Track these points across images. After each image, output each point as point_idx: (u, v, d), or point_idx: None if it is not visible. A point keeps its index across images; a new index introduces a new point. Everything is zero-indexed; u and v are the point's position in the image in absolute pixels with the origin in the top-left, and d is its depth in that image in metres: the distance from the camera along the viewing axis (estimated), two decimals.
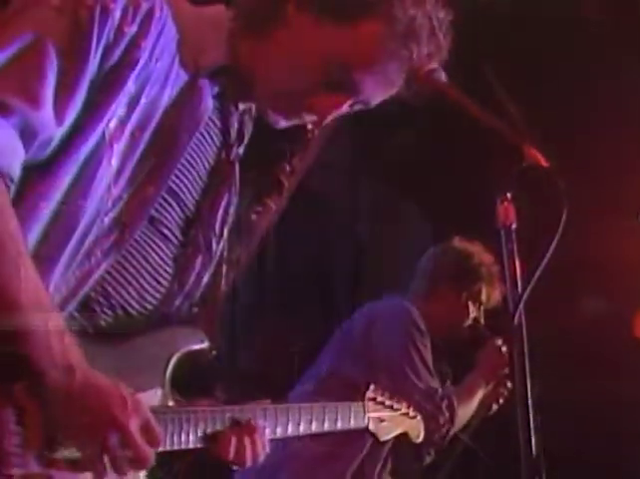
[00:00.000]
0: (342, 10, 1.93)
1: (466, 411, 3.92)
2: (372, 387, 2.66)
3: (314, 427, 2.31)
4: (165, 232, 2.00)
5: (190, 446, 1.97)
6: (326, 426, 2.37)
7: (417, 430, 2.87)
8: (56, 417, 1.69)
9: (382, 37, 1.93)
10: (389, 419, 2.69)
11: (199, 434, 1.99)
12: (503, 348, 4.04)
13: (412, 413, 2.81)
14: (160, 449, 1.89)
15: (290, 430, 2.22)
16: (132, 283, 1.96)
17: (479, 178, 1.80)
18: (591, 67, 4.92)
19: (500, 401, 4.08)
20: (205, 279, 2.15)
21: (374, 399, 2.65)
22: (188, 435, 1.96)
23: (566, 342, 5.09)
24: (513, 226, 1.83)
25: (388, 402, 2.70)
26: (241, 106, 2.12)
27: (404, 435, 2.83)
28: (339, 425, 2.43)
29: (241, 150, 2.17)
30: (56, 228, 1.79)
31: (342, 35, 1.93)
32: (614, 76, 4.93)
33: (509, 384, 4.03)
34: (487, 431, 4.09)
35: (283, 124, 2.07)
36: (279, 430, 2.18)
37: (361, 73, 1.95)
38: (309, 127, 2.14)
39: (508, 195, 1.84)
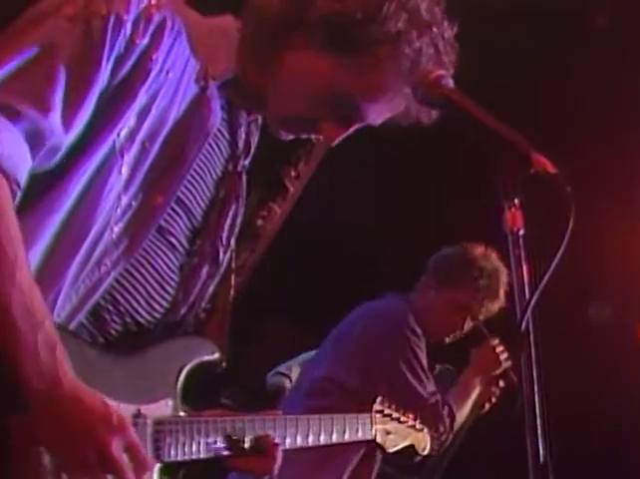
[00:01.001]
0: (349, 44, 1.93)
1: (462, 413, 3.91)
2: (379, 400, 2.67)
3: (322, 438, 2.32)
4: (173, 241, 2.01)
5: (202, 456, 1.98)
6: (334, 438, 2.38)
7: (423, 443, 2.87)
8: (39, 431, 1.65)
9: (388, 74, 1.93)
10: (395, 431, 2.71)
11: (219, 444, 2.00)
12: (499, 349, 3.99)
13: (418, 426, 2.82)
14: (172, 460, 1.92)
15: (299, 441, 2.23)
16: (140, 291, 1.97)
17: (485, 184, 1.80)
18: (598, 69, 4.93)
19: (493, 400, 4.04)
20: (212, 289, 2.16)
21: (381, 412, 2.66)
22: (199, 445, 1.97)
23: (573, 347, 5.09)
24: (521, 231, 1.83)
25: (395, 415, 2.72)
26: (249, 117, 2.13)
27: (410, 447, 2.84)
28: (347, 437, 2.44)
29: (248, 161, 2.18)
30: (66, 236, 1.81)
31: (348, 68, 1.94)
32: (619, 77, 4.94)
33: (502, 384, 4.00)
34: (494, 436, 4.08)
35: (291, 137, 2.09)
36: (288, 441, 2.19)
37: (367, 104, 1.97)
38: None
39: (516, 201, 1.84)
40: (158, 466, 1.90)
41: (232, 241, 2.18)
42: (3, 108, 1.69)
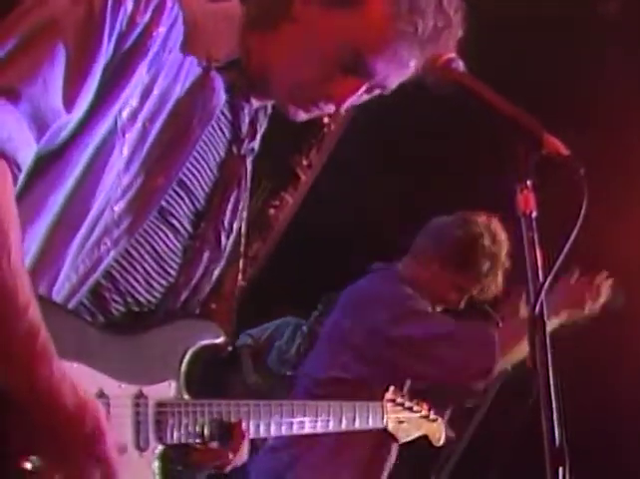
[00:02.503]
0: None
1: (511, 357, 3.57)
2: (391, 389, 2.64)
3: (331, 425, 2.29)
4: (174, 223, 1.99)
5: (198, 440, 1.96)
6: (344, 425, 2.34)
7: (438, 433, 2.83)
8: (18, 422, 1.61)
9: (388, 17, 1.94)
10: (408, 421, 2.67)
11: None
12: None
13: (432, 416, 2.79)
14: (175, 442, 1.90)
15: (307, 427, 2.20)
16: (138, 271, 1.94)
17: (498, 166, 1.78)
18: (610, 51, 4.90)
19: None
20: (216, 274, 2.14)
21: (393, 401, 2.63)
22: (203, 428, 1.96)
23: (587, 333, 5.06)
24: (534, 214, 1.80)
25: (407, 404, 2.68)
26: (255, 103, 2.11)
27: (424, 438, 2.81)
28: (357, 424, 2.40)
29: (254, 144, 2.16)
30: (67, 215, 1.78)
31: (350, 21, 1.95)
32: (633, 60, 4.93)
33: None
34: (511, 420, 4.03)
35: (303, 117, 2.07)
36: (296, 427, 2.16)
37: (372, 55, 1.96)
38: (326, 121, 2.13)
39: (528, 183, 1.82)
40: (160, 449, 1.89)
41: (235, 226, 2.15)
42: (3, 89, 1.67)
